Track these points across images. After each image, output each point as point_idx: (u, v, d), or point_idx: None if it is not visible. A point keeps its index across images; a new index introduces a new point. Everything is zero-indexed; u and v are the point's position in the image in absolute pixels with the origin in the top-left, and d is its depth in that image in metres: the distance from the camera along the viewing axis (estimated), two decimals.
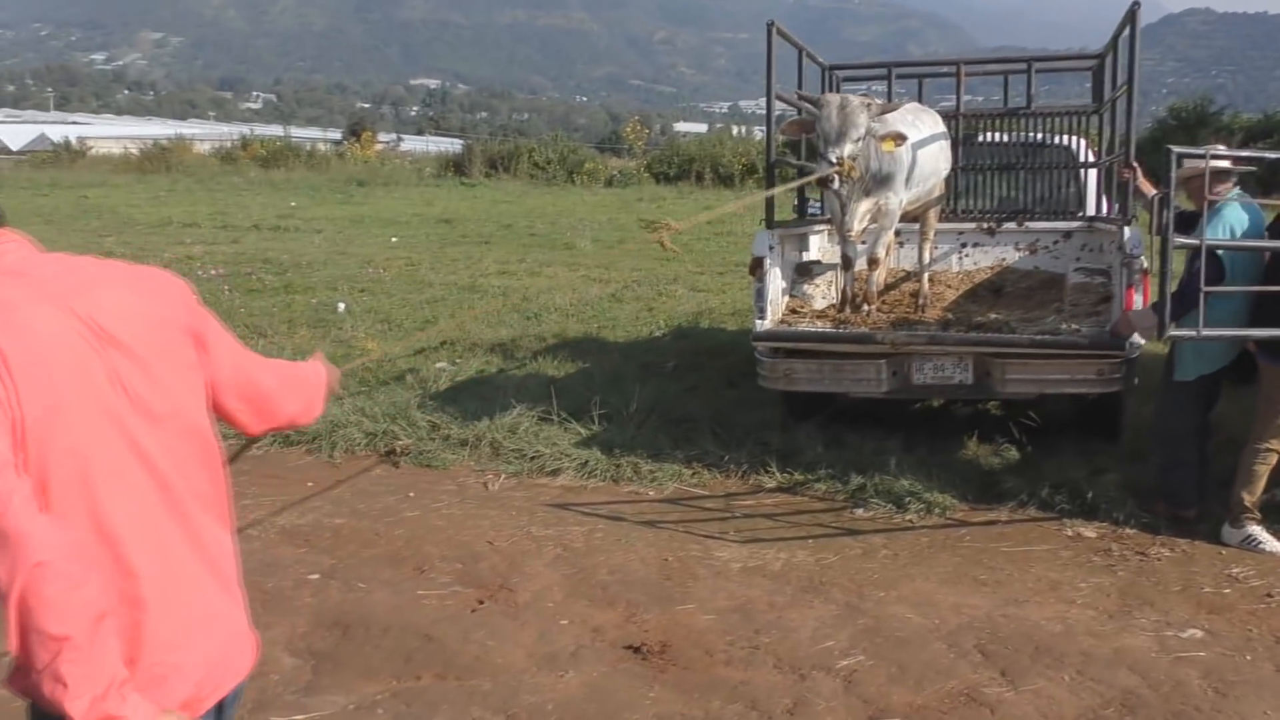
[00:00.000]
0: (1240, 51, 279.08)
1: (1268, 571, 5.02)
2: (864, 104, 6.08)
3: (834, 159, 5.93)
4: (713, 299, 12.34)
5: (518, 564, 5.16)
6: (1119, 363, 5.81)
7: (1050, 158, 8.26)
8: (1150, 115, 36.14)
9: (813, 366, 6.37)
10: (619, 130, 56.58)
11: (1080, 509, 5.77)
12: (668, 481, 6.35)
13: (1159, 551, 5.27)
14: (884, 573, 5.05)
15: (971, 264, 8.13)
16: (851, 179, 6.04)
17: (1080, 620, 4.54)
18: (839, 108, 6.02)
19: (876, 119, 6.13)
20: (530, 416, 7.12)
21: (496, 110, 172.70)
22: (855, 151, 6.01)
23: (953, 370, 6.21)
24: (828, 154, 5.98)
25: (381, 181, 30.85)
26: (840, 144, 5.96)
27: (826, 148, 6.00)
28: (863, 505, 5.93)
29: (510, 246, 17.48)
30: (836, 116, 5.99)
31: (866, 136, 6.08)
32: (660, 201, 26.26)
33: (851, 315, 6.67)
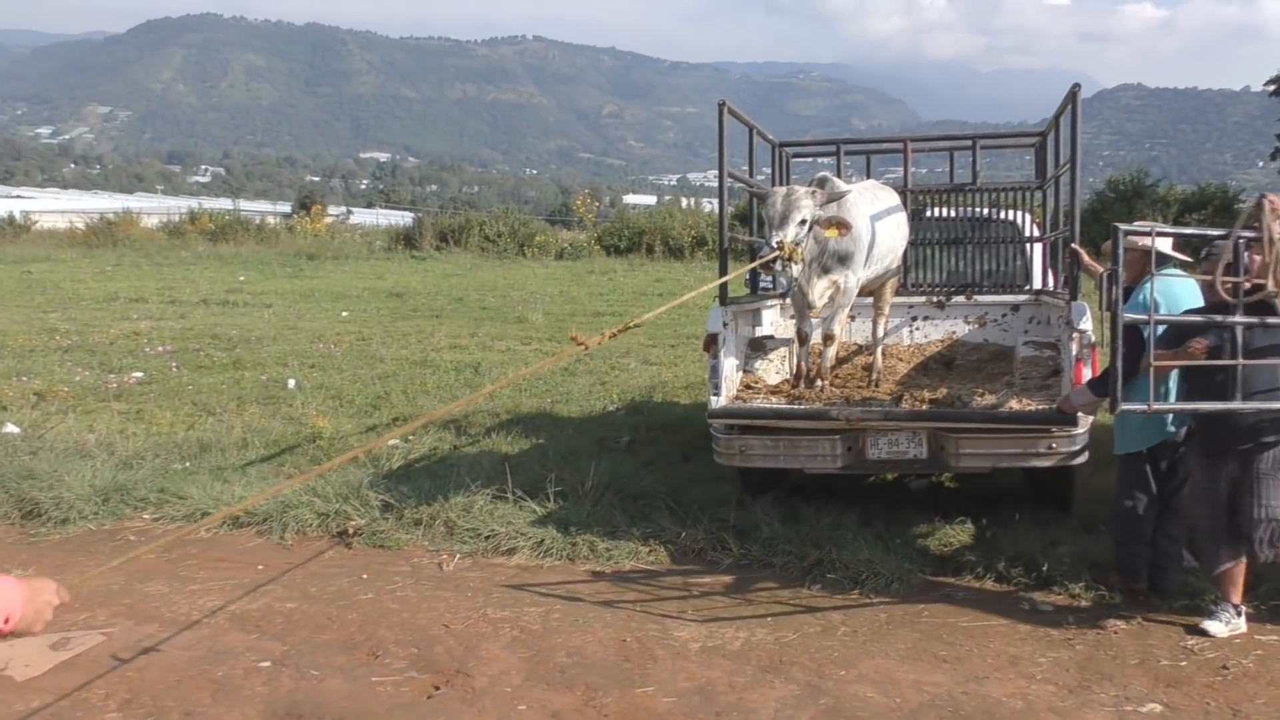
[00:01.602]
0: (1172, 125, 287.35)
1: (1223, 643, 5.05)
2: (809, 191, 6.21)
3: (775, 242, 6.02)
4: (666, 372, 12.38)
5: (474, 647, 5.08)
6: (1070, 436, 5.88)
7: (997, 232, 8.42)
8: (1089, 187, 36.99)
9: (768, 442, 6.38)
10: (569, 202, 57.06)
11: (1036, 582, 5.79)
12: (624, 559, 6.30)
13: (1115, 624, 5.29)
14: (844, 650, 5.02)
15: (923, 337, 8.24)
16: (794, 262, 6.11)
17: (1041, 696, 4.53)
18: (783, 196, 6.19)
19: (822, 207, 6.23)
20: (485, 494, 7.05)
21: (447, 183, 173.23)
22: (798, 236, 6.10)
23: (907, 445, 6.24)
24: (770, 238, 6.08)
25: (331, 255, 30.74)
26: (782, 228, 6.06)
27: (770, 232, 6.11)
28: (820, 581, 5.91)
29: (462, 320, 17.46)
30: (780, 204, 6.13)
31: (812, 222, 6.17)
32: (611, 274, 26.40)
33: (805, 391, 6.70)
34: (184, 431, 9.37)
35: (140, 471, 7.86)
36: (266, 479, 7.79)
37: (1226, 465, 5.12)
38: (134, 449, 8.57)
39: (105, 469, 7.85)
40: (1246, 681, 4.66)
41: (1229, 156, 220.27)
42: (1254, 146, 45.27)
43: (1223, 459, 5.13)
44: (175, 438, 9.06)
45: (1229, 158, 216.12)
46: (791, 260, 6.11)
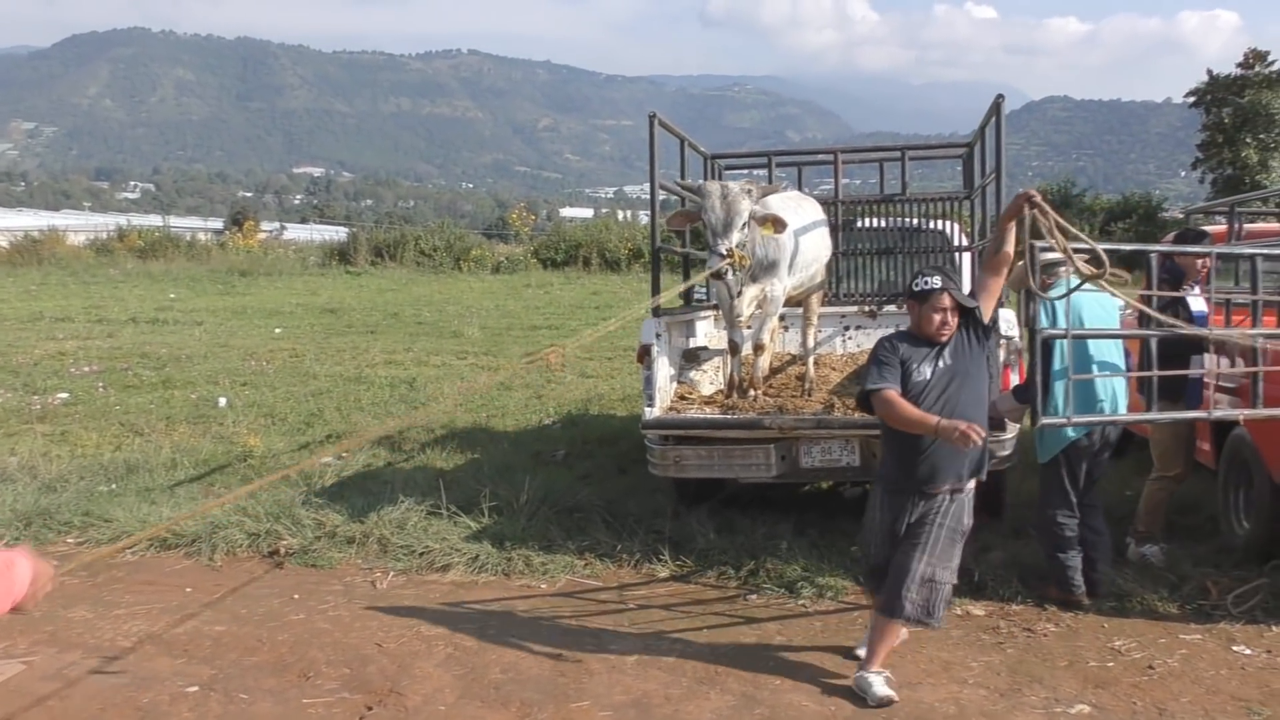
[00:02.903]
0: (1098, 136, 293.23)
1: (1149, 643, 5.14)
2: (744, 190, 6.20)
3: (724, 250, 6.02)
4: (602, 385, 12.37)
5: (407, 666, 5.01)
6: (998, 441, 5.95)
7: (926, 242, 8.52)
8: None
9: (702, 453, 6.39)
10: (505, 216, 56.87)
11: (968, 587, 5.84)
12: (560, 574, 6.26)
13: (1045, 627, 5.36)
14: (779, 660, 5.03)
15: (855, 346, 8.30)
16: (742, 267, 6.12)
17: (972, 700, 4.58)
18: (721, 197, 6.12)
19: (757, 203, 6.25)
20: (419, 511, 6.99)
21: (382, 198, 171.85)
22: (743, 239, 6.12)
23: (840, 453, 6.29)
24: (717, 246, 6.06)
25: (265, 271, 30.33)
26: (728, 234, 6.06)
27: (715, 239, 6.09)
28: (756, 591, 5.92)
29: (397, 335, 17.31)
30: (721, 207, 6.10)
31: (750, 222, 6.19)
32: (548, 287, 26.34)
33: (739, 400, 6.72)
34: (110, 453, 9.18)
35: (64, 494, 7.68)
36: (195, 499, 7.65)
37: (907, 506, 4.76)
38: (58, 471, 8.37)
39: (27, 492, 7.67)
40: (1172, 681, 4.74)
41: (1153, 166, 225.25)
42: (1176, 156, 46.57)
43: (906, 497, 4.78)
44: (101, 459, 8.88)
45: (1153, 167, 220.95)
46: (741, 267, 6.14)
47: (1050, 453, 5.58)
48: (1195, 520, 6.77)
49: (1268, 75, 28.72)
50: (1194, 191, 29.58)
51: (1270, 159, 27.13)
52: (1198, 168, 30.33)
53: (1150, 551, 6.20)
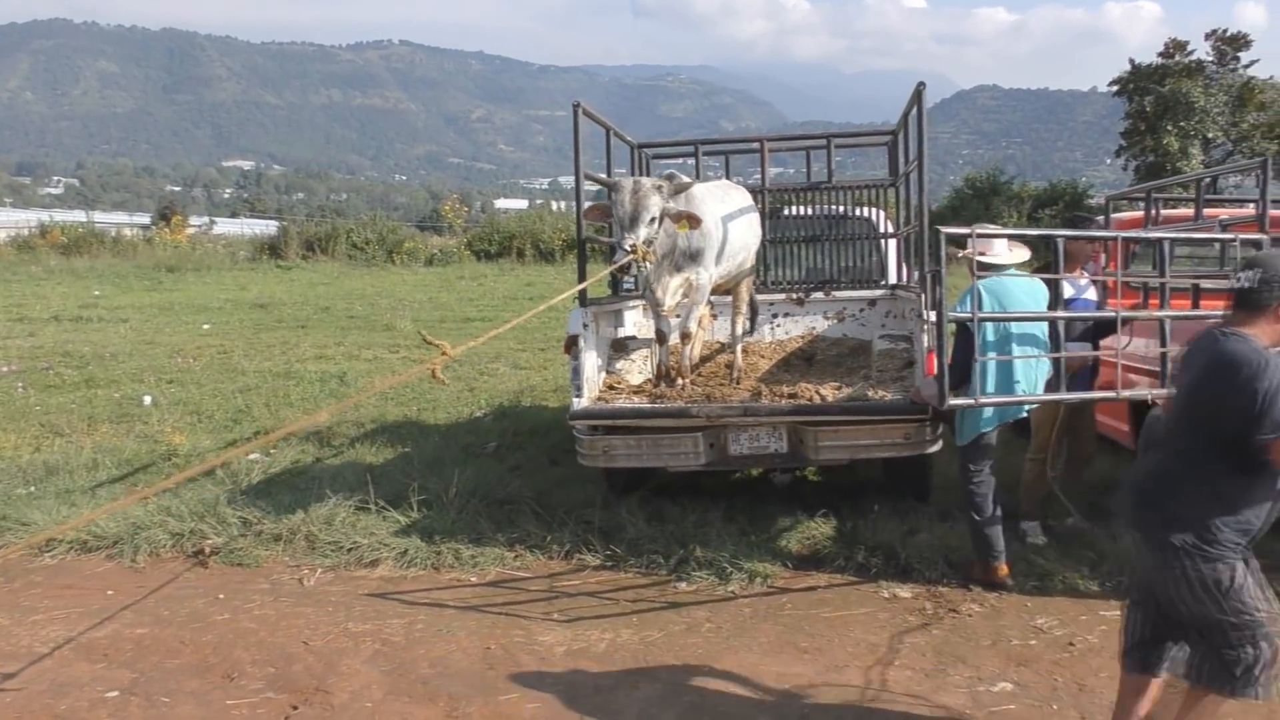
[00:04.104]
0: (1027, 124, 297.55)
1: (1070, 621, 5.24)
2: (656, 185, 6.19)
3: (628, 246, 6.00)
4: (534, 376, 12.33)
5: (334, 664, 4.96)
6: (924, 425, 6.02)
7: (853, 229, 8.59)
8: (949, 185, 38.08)
9: (631, 442, 6.38)
10: (439, 208, 56.40)
11: (895, 570, 5.92)
12: (490, 566, 6.24)
13: (970, 607, 5.44)
14: (708, 647, 5.05)
15: (784, 334, 8.36)
16: (648, 263, 6.11)
17: (898, 681, 4.63)
18: (631, 192, 6.11)
19: (674, 197, 6.25)
20: (347, 506, 6.92)
21: (314, 191, 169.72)
22: (650, 235, 6.10)
23: (768, 440, 6.32)
24: (623, 241, 6.06)
25: (193, 267, 29.81)
26: (634, 229, 6.05)
27: (622, 233, 6.10)
28: (685, 579, 5.94)
29: (328, 330, 17.11)
30: (629, 202, 6.09)
31: (662, 217, 6.19)
32: (481, 279, 26.20)
33: (667, 390, 6.73)
34: (29, 454, 8.97)
35: None
36: (118, 500, 7.50)
37: None
38: None
39: None
40: (1091, 656, 4.83)
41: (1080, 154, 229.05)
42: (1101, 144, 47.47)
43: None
44: (19, 461, 8.67)
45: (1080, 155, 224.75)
46: (645, 260, 6.12)
47: (970, 436, 5.66)
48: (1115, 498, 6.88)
49: (1187, 64, 29.34)
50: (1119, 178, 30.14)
51: (1190, 146, 27.71)
52: (1121, 155, 30.92)
53: (1030, 528, 6.37)
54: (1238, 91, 28.35)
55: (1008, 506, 6.09)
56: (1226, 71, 29.38)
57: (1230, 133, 28.08)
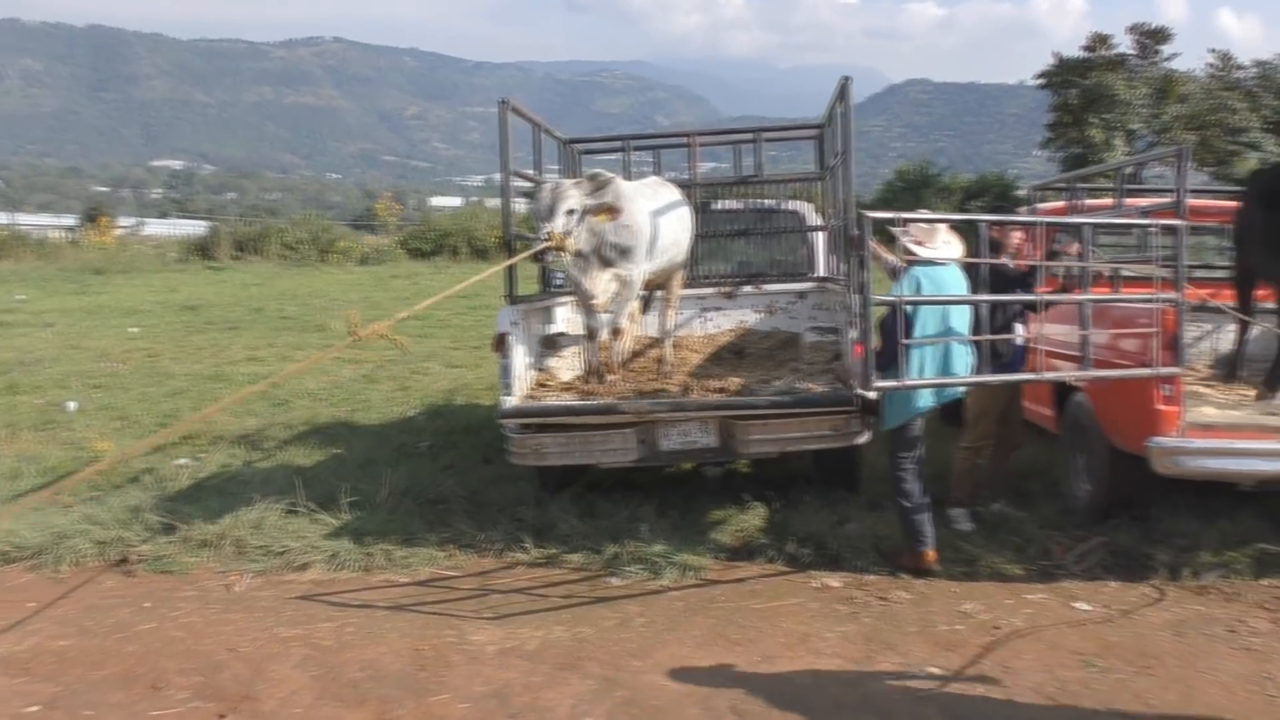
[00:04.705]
0: (957, 117, 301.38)
1: (996, 605, 5.33)
2: (575, 182, 6.26)
3: (543, 234, 6.05)
4: (468, 374, 12.26)
5: (263, 670, 4.90)
6: (852, 417, 6.08)
7: (781, 222, 8.66)
8: (881, 178, 38.50)
9: (562, 439, 6.38)
10: (373, 207, 55.82)
11: (826, 560, 5.98)
12: (422, 566, 6.19)
13: (899, 595, 5.52)
14: (640, 641, 5.07)
15: (714, 327, 8.39)
16: (565, 251, 6.13)
17: (828, 670, 4.68)
18: (549, 189, 6.21)
19: (594, 195, 6.27)
20: (277, 510, 6.83)
21: (246, 190, 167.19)
22: (568, 225, 6.13)
23: (698, 435, 6.34)
24: (540, 230, 6.11)
25: (121, 269, 29.19)
26: (551, 219, 6.09)
27: (540, 224, 6.14)
28: (618, 574, 5.95)
29: (260, 331, 16.86)
30: (548, 195, 6.18)
31: (583, 212, 6.22)
32: (415, 277, 25.98)
33: (597, 386, 6.74)
34: None
35: None
36: (40, 509, 7.34)
37: None
38: None
39: None
40: (1016, 639, 4.93)
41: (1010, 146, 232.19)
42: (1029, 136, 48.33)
43: None
44: None
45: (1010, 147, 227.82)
46: (563, 249, 6.14)
47: (898, 420, 5.73)
48: (1040, 484, 7.02)
49: (1110, 58, 29.88)
50: (1046, 170, 30.64)
51: (1114, 138, 28.24)
52: (1048, 147, 31.44)
53: (958, 515, 6.48)
54: (1159, 84, 28.97)
55: (936, 494, 6.18)
56: (1148, 65, 29.99)
57: (1152, 124, 28.64)
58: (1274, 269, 6.88)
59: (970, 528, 6.37)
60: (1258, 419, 5.83)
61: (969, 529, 6.36)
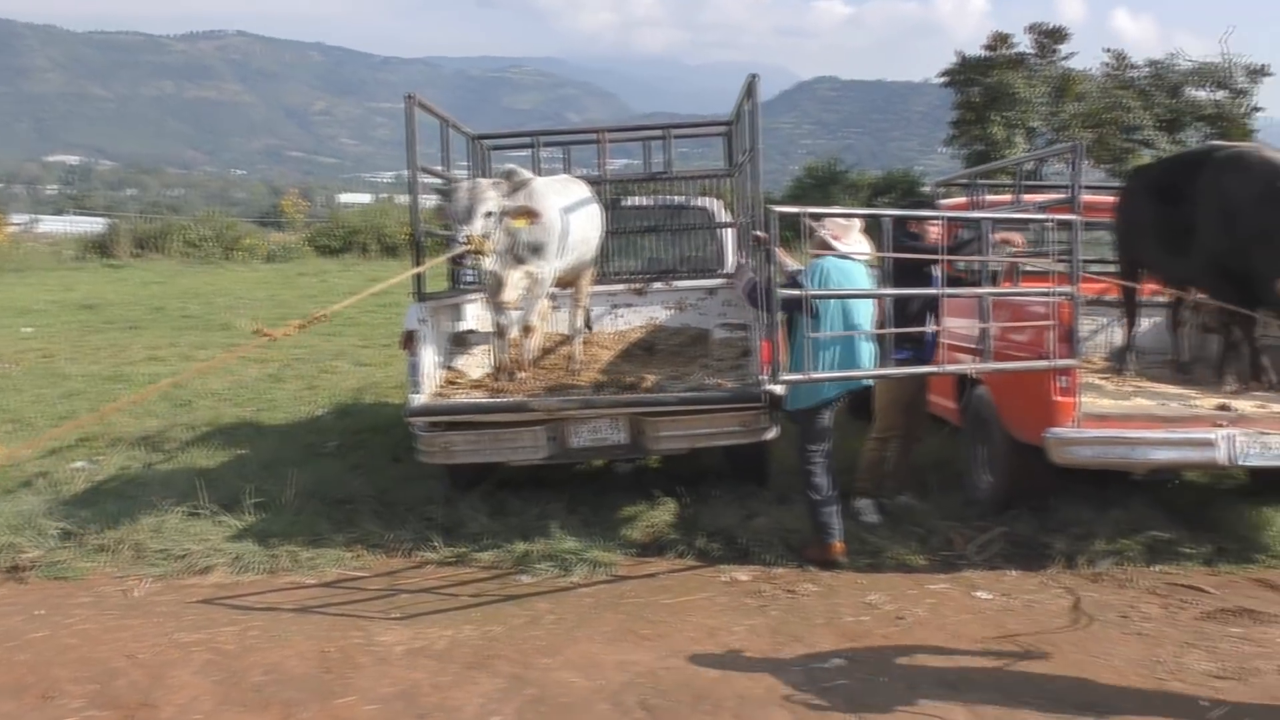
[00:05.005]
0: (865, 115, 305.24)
1: (900, 595, 5.42)
2: (493, 182, 6.20)
3: (462, 237, 5.98)
4: (378, 373, 12.12)
5: (162, 676, 4.78)
6: (759, 413, 6.13)
7: (691, 219, 8.70)
8: (790, 174, 38.90)
9: (472, 437, 6.34)
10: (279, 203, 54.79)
11: (735, 554, 6.03)
12: (328, 568, 6.10)
13: (806, 587, 5.58)
14: (550, 639, 5.05)
15: (625, 324, 8.40)
16: (485, 254, 6.08)
17: (736, 663, 4.71)
18: (466, 189, 6.14)
19: (510, 195, 6.23)
20: (178, 513, 6.68)
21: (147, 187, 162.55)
22: (487, 228, 6.08)
23: (608, 432, 6.35)
24: (457, 232, 6.04)
25: (14, 267, 28.25)
26: (469, 221, 6.04)
27: (457, 226, 6.08)
28: (528, 571, 5.92)
29: (161, 330, 16.46)
30: (464, 197, 6.10)
31: (501, 213, 6.17)
32: (323, 275, 25.59)
33: (507, 384, 6.70)
34: None
35: None
36: None
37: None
38: None
39: None
40: (919, 629, 5.02)
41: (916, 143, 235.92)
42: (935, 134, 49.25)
43: None
44: None
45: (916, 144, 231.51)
46: (481, 253, 6.09)
47: (805, 404, 5.78)
48: (944, 476, 7.15)
49: (1010, 57, 30.52)
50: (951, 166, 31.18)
51: (1014, 135, 28.85)
52: (951, 144, 32.00)
53: (864, 507, 6.58)
54: (1057, 83, 29.67)
55: (843, 487, 6.26)
56: (1047, 64, 30.69)
57: (1052, 122, 29.32)
58: (1164, 263, 7.10)
59: (877, 519, 6.47)
60: (1149, 409, 6.00)
61: (876, 520, 6.46)
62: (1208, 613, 5.20)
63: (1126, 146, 27.96)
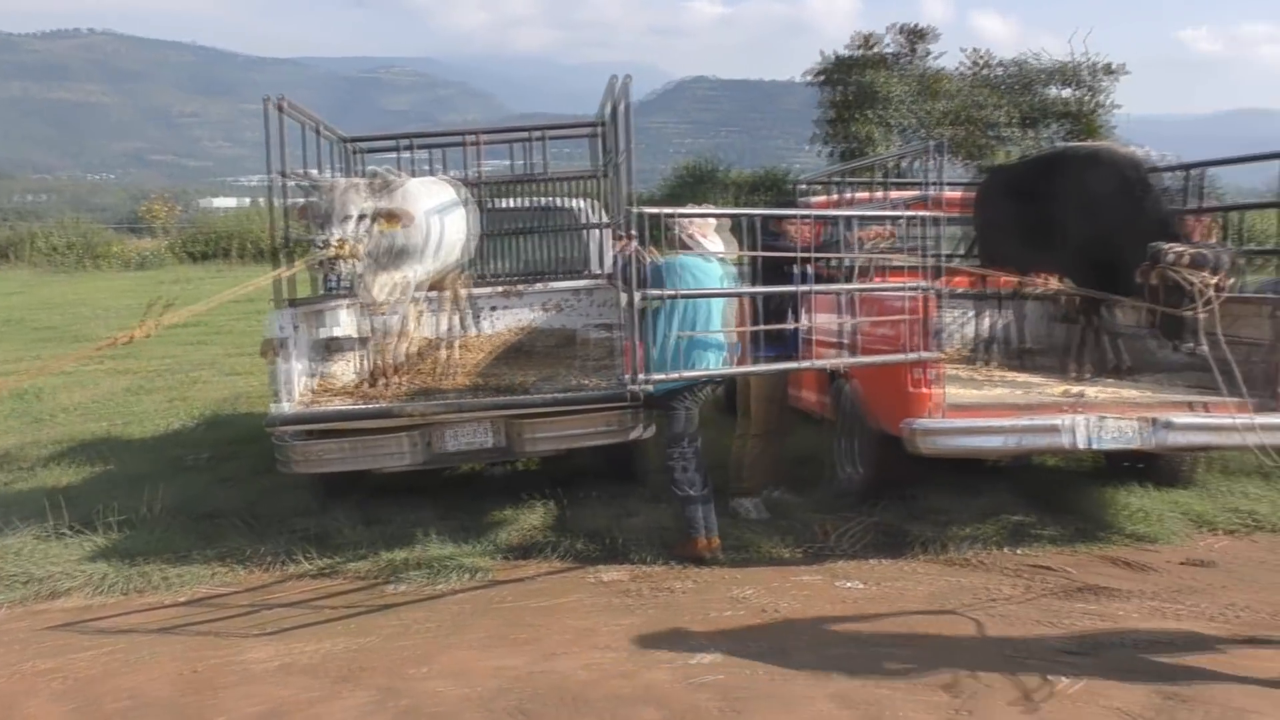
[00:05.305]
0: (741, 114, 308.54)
1: (770, 589, 5.52)
2: (359, 185, 6.08)
3: (322, 242, 5.84)
4: (249, 382, 11.83)
5: (14, 706, 4.58)
6: (629, 412, 6.15)
7: (563, 220, 8.69)
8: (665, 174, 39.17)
9: (340, 446, 6.23)
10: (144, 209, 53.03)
11: (610, 554, 6.05)
12: (195, 585, 5.94)
13: (678, 585, 5.63)
14: (423, 648, 4.99)
15: (501, 326, 8.36)
16: (353, 260, 5.96)
17: (610, 664, 4.72)
18: (333, 191, 5.99)
19: (378, 197, 6.12)
20: (33, 534, 6.43)
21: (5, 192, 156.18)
22: (355, 232, 5.95)
23: (480, 435, 6.30)
24: (327, 235, 5.90)
25: None
26: (337, 225, 5.90)
27: (324, 229, 5.94)
28: (401, 580, 5.86)
29: (15, 343, 15.81)
30: (332, 200, 5.95)
31: (373, 216, 6.06)
32: (189, 281, 24.86)
33: (378, 389, 6.61)
34: None
35: None
36: None
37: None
38: None
39: None
40: (789, 620, 5.11)
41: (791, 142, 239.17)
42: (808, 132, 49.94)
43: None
44: None
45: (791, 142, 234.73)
46: (351, 257, 5.97)
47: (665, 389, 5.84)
48: (813, 469, 7.28)
49: (877, 56, 31.16)
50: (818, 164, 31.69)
51: (884, 133, 29.49)
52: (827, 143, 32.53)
53: (746, 505, 6.69)
54: (924, 81, 30.39)
55: (718, 483, 6.33)
56: (913, 63, 31.43)
57: (920, 120, 30.03)
58: (1028, 257, 7.36)
59: (764, 516, 6.54)
60: (1004, 398, 6.21)
61: (764, 517, 6.53)
62: (1062, 591, 5.40)
63: (987, 143, 28.79)
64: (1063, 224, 6.88)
